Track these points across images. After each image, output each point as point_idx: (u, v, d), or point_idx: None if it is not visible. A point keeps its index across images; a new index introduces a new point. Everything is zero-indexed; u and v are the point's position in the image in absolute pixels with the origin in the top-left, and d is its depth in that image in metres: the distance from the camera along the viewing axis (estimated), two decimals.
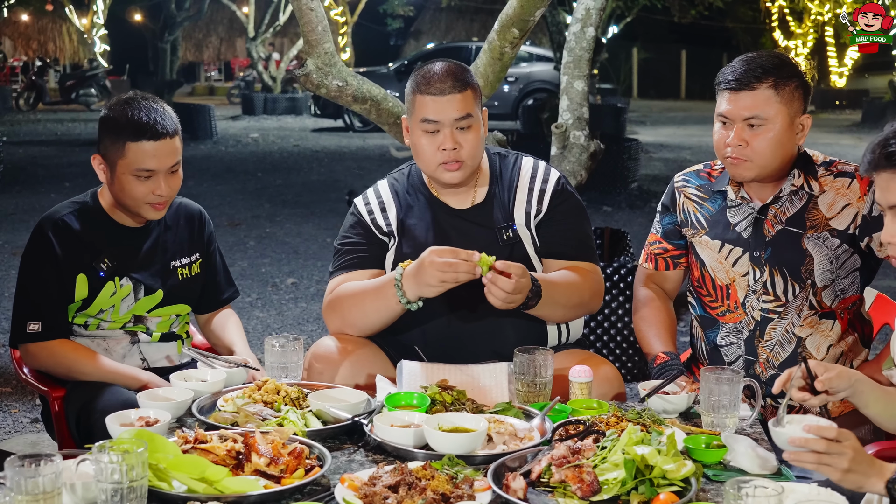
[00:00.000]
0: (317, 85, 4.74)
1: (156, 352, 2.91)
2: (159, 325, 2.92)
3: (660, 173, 13.37)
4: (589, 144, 5.08)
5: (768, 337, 2.75)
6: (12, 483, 1.75)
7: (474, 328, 2.72)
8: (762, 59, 2.66)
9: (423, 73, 2.72)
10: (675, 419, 2.36)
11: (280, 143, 18.04)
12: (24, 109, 25.05)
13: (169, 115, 2.75)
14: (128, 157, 2.69)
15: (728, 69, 2.68)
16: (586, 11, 5.18)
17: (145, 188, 2.72)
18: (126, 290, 2.83)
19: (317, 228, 9.70)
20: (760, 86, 2.60)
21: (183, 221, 2.99)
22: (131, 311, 2.86)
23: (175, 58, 22.07)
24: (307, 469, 1.99)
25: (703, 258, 2.84)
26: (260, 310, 6.57)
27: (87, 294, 2.79)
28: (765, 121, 2.61)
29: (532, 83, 20.32)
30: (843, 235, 2.69)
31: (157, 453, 1.89)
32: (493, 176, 2.84)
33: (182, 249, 2.97)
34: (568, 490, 1.90)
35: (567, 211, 2.81)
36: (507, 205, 2.81)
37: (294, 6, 4.74)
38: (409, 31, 31.32)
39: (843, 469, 1.84)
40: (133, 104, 2.73)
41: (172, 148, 2.74)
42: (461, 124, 2.67)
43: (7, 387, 5.12)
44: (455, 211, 2.81)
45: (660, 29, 24.34)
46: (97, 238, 2.83)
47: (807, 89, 2.69)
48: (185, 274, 2.96)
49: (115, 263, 2.82)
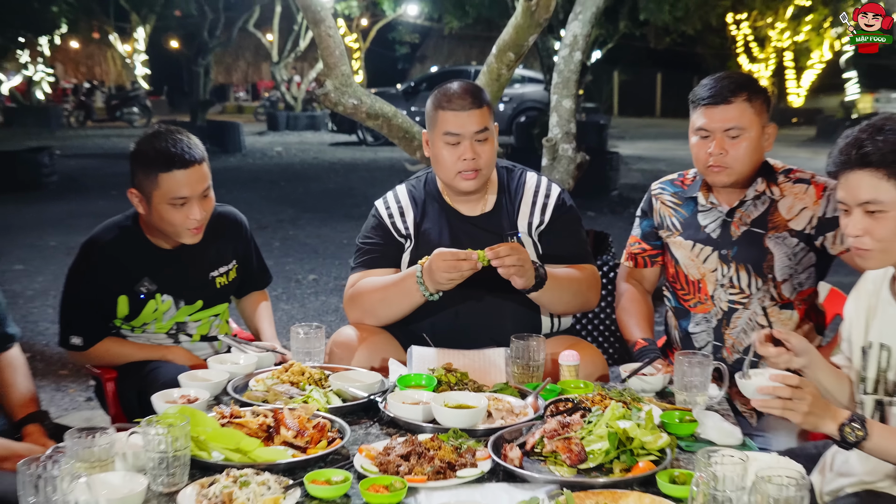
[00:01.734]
0: (335, 103, 4.75)
1: (197, 351, 2.87)
2: (199, 328, 2.89)
3: (638, 182, 13.35)
4: (576, 156, 5.09)
5: (734, 325, 2.76)
6: (72, 452, 1.77)
7: (476, 318, 2.73)
8: (734, 77, 2.66)
9: (444, 91, 2.71)
10: (652, 397, 2.36)
11: (301, 156, 18.04)
12: (75, 126, 25.07)
13: (195, 143, 2.63)
14: (162, 188, 2.58)
15: (702, 88, 2.67)
16: (574, 38, 5.19)
17: (181, 214, 2.61)
18: (167, 304, 2.79)
19: (334, 231, 9.70)
20: (736, 99, 2.60)
21: (220, 231, 2.87)
22: (173, 320, 2.83)
23: (207, 80, 22.00)
24: (329, 441, 2.00)
25: (678, 256, 2.84)
26: (285, 302, 6.58)
27: (129, 312, 2.74)
28: (742, 130, 2.61)
29: (525, 102, 20.26)
30: (801, 235, 2.70)
31: (197, 427, 1.90)
32: (501, 187, 2.83)
33: (220, 259, 2.89)
34: (558, 459, 1.91)
35: (567, 221, 2.81)
36: (512, 214, 2.80)
37: (315, 33, 4.76)
38: (415, 56, 31.28)
39: (804, 412, 1.85)
40: (160, 137, 2.60)
41: (202, 174, 2.63)
42: (479, 137, 2.67)
43: (64, 370, 5.14)
44: (466, 218, 2.80)
45: (638, 54, 24.28)
46: (137, 262, 2.73)
47: (769, 102, 2.70)
48: (223, 282, 2.90)
49: (156, 285, 2.74)
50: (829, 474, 2.18)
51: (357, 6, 17.02)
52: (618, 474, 1.85)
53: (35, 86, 26.64)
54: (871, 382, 2.10)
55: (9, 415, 2.36)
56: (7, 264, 7.87)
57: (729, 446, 1.99)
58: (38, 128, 23.12)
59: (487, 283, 2.53)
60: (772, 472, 1.63)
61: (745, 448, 2.02)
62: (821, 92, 28.66)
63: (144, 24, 24.41)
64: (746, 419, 2.74)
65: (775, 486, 1.60)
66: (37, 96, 26.63)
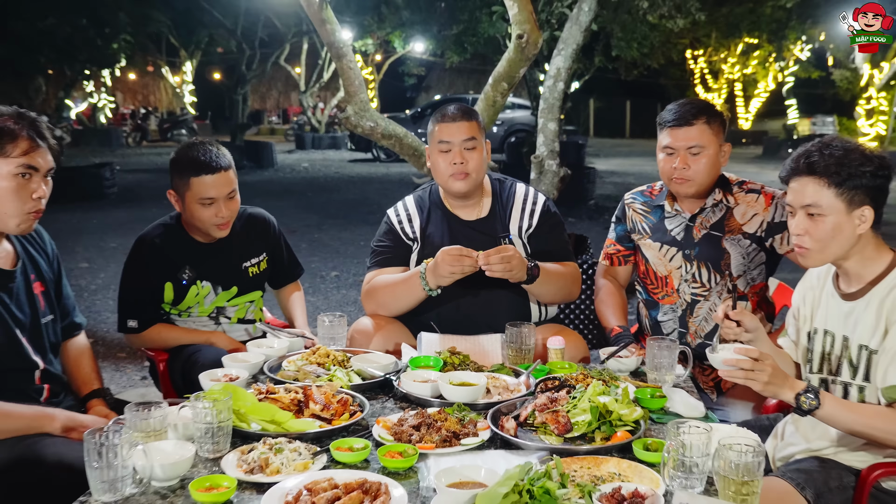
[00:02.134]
0: (355, 125, 4.74)
1: (234, 332, 2.87)
2: (236, 312, 2.87)
3: (611, 193, 13.33)
4: (559, 171, 5.08)
5: (696, 314, 2.75)
6: (130, 423, 1.76)
7: (476, 309, 2.71)
8: (695, 103, 2.65)
9: (441, 110, 2.74)
10: (627, 376, 2.35)
11: (324, 171, 18.02)
12: (132, 146, 25.07)
13: (223, 153, 2.66)
14: (192, 190, 2.62)
15: (668, 112, 2.66)
16: (557, 70, 5.18)
17: (209, 213, 2.64)
18: (206, 290, 2.78)
19: (353, 234, 9.68)
20: (697, 122, 2.59)
21: (251, 228, 2.90)
22: (214, 304, 2.82)
23: (245, 106, 21.98)
24: (351, 413, 1.99)
25: (647, 256, 2.83)
26: (311, 295, 6.57)
27: (174, 297, 2.74)
28: (702, 148, 2.60)
29: (515, 125, 20.25)
30: (753, 237, 2.68)
31: (238, 401, 1.89)
32: (495, 196, 2.82)
33: (251, 252, 2.89)
34: (548, 429, 1.90)
35: (552, 225, 2.80)
36: (504, 219, 2.78)
37: (338, 66, 4.75)
38: (421, 86, 31.25)
39: (764, 381, 1.84)
40: (194, 148, 2.65)
41: (227, 179, 2.65)
42: (467, 145, 2.67)
43: (122, 353, 5.13)
44: (465, 222, 2.79)
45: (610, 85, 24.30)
46: (179, 254, 2.74)
47: (725, 124, 2.68)
48: (255, 271, 2.90)
49: (195, 272, 2.75)
50: (780, 443, 2.16)
51: (372, 44, 17.00)
52: (599, 442, 1.84)
53: (98, 111, 26.70)
54: (817, 363, 2.09)
55: (76, 391, 2.34)
56: (74, 262, 7.85)
57: (694, 418, 1.97)
58: (101, 147, 23.16)
59: (484, 280, 2.52)
60: (732, 440, 1.62)
61: (708, 420, 2.01)
62: (766, 116, 28.72)
63: (191, 59, 24.43)
64: (708, 395, 2.72)
65: (735, 452, 1.59)
66: (100, 120, 26.69)
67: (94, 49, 17.30)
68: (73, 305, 2.43)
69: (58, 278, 2.36)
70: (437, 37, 12.55)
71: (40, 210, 2.10)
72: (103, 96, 26.68)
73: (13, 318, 2.12)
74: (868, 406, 1.92)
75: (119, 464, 1.57)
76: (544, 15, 8.64)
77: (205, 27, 21.14)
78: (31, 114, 2.10)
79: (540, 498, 1.45)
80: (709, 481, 1.64)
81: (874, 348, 1.92)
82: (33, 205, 2.07)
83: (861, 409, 1.90)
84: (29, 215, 2.08)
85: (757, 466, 1.58)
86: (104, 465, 1.57)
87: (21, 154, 2.03)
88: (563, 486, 1.52)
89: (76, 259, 8.05)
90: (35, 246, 2.29)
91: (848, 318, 1.99)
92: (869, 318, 1.94)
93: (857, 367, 1.97)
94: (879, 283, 1.94)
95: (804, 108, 25.64)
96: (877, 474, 1.91)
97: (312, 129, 25.21)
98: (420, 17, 11.97)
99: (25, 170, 2.04)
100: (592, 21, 5.27)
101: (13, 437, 1.97)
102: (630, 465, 1.71)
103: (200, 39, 22.64)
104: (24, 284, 2.19)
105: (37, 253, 2.28)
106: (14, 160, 2.02)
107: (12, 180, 2.03)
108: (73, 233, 9.48)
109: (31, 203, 2.07)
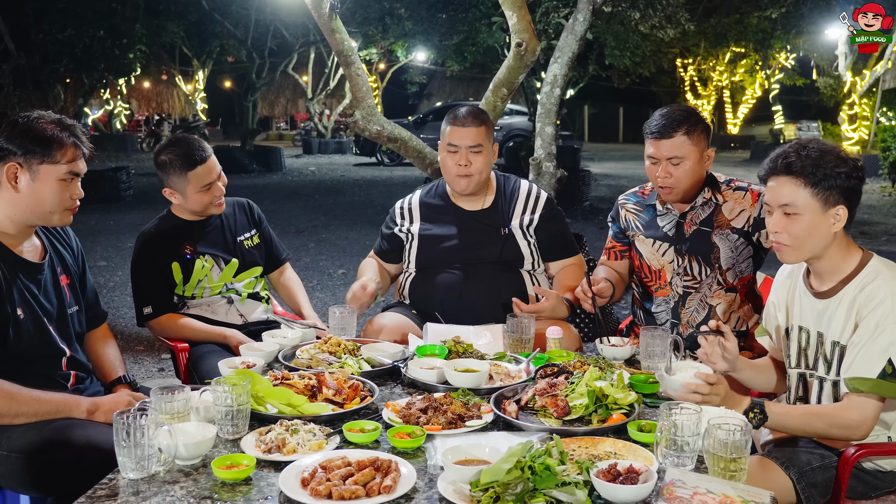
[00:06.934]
0: (362, 129, 4.77)
1: (247, 309, 2.92)
2: (245, 286, 2.93)
3: (605, 195, 13.34)
4: (556, 172, 5.11)
5: (688, 306, 2.77)
6: (156, 405, 1.79)
7: (478, 301, 2.74)
8: (675, 113, 2.64)
9: (454, 111, 2.80)
10: (622, 363, 2.38)
11: (331, 174, 18.04)
12: (146, 151, 25.04)
13: (202, 144, 2.82)
14: (192, 182, 2.77)
15: (651, 122, 2.66)
16: (554, 77, 5.21)
17: (209, 195, 2.81)
18: (210, 262, 2.86)
19: (358, 234, 9.70)
20: (676, 134, 2.60)
21: (237, 210, 3.03)
22: (222, 280, 2.87)
23: (255, 113, 22.00)
24: (362, 398, 2.02)
25: (641, 251, 2.85)
26: (319, 292, 6.60)
27: (183, 275, 2.82)
28: (682, 158, 2.62)
29: (513, 130, 20.19)
30: (740, 232, 2.71)
31: (255, 386, 1.92)
32: (499, 190, 2.88)
33: (242, 227, 3.00)
34: (547, 412, 1.92)
35: (553, 218, 2.87)
36: (507, 212, 2.84)
37: (346, 73, 4.78)
38: (423, 93, 31.21)
39: (717, 404, 1.86)
40: (179, 145, 2.80)
41: (214, 162, 2.81)
42: (474, 150, 2.75)
43: (140, 346, 5.16)
44: (467, 212, 2.86)
45: (604, 92, 24.32)
46: (177, 234, 2.85)
47: (708, 130, 2.69)
48: (249, 245, 2.99)
49: (195, 247, 2.85)
50: (763, 429, 2.18)
51: (376, 53, 17.03)
52: (595, 424, 1.86)
53: (114, 118, 26.68)
54: (794, 359, 2.11)
55: (101, 378, 2.37)
56: (93, 261, 7.87)
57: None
58: (117, 152, 23.13)
59: (483, 269, 2.56)
60: (721, 420, 1.64)
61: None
62: (753, 122, 28.72)
63: (204, 67, 24.42)
64: None
65: (724, 431, 1.61)
66: (115, 126, 26.66)
67: (111, 59, 17.31)
68: (96, 298, 2.46)
69: (82, 272, 2.40)
70: (438, 46, 12.57)
71: (76, 207, 2.20)
72: (119, 103, 26.68)
73: (41, 307, 2.15)
74: (809, 408, 1.98)
75: (146, 443, 1.60)
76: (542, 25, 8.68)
77: (216, 38, 21.15)
78: (70, 120, 2.16)
79: (541, 473, 1.47)
80: (699, 459, 1.67)
81: (845, 344, 1.94)
82: (71, 203, 2.17)
83: (802, 413, 1.93)
84: (66, 211, 2.18)
85: (744, 444, 1.60)
86: (132, 444, 1.59)
87: (68, 161, 2.11)
88: (563, 463, 1.54)
89: (95, 258, 8.07)
90: (61, 242, 2.34)
91: (822, 315, 2.01)
92: (841, 315, 1.95)
93: (831, 363, 1.99)
94: (851, 281, 1.96)
95: (790, 113, 25.63)
96: (857, 454, 1.94)
97: (319, 135, 25.21)
98: (422, 27, 11.99)
99: (70, 176, 2.13)
100: (587, 31, 5.30)
101: (42, 420, 2.00)
102: (625, 444, 1.73)
103: (212, 49, 22.63)
104: (52, 277, 2.23)
105: (63, 248, 2.33)
106: (62, 166, 2.11)
107: (58, 185, 2.11)
108: (92, 233, 9.50)
109: (70, 202, 2.16)
